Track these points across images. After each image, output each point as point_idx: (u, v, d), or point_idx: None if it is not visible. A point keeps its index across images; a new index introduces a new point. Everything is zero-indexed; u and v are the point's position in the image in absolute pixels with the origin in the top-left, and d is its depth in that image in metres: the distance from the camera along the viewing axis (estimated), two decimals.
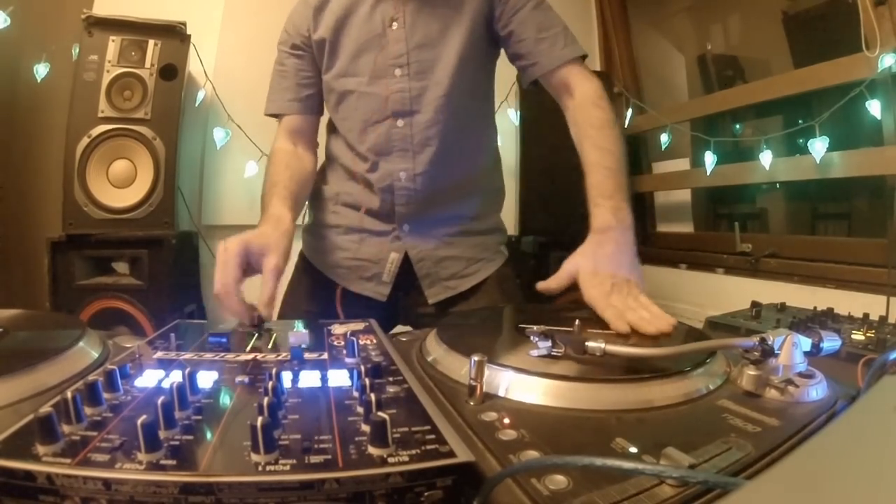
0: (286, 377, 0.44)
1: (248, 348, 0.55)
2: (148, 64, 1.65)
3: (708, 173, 1.85)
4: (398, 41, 0.87)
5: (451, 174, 0.92)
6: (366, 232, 0.93)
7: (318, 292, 0.97)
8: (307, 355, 0.51)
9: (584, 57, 0.89)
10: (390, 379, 0.45)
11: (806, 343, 0.45)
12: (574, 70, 0.88)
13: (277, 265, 0.71)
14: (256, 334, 0.61)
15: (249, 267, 0.72)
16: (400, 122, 0.88)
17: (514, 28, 0.89)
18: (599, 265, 0.69)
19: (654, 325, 0.59)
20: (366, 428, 0.34)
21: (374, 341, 0.58)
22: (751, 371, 0.44)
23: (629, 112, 2.24)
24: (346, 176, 0.96)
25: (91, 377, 0.39)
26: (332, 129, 0.99)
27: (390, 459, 0.31)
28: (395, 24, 0.87)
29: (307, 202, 1.03)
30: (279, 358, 0.51)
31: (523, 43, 0.89)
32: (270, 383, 0.38)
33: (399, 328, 0.90)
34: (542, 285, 0.71)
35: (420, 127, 0.89)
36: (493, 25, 0.90)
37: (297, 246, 1.00)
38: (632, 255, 0.72)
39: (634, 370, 0.46)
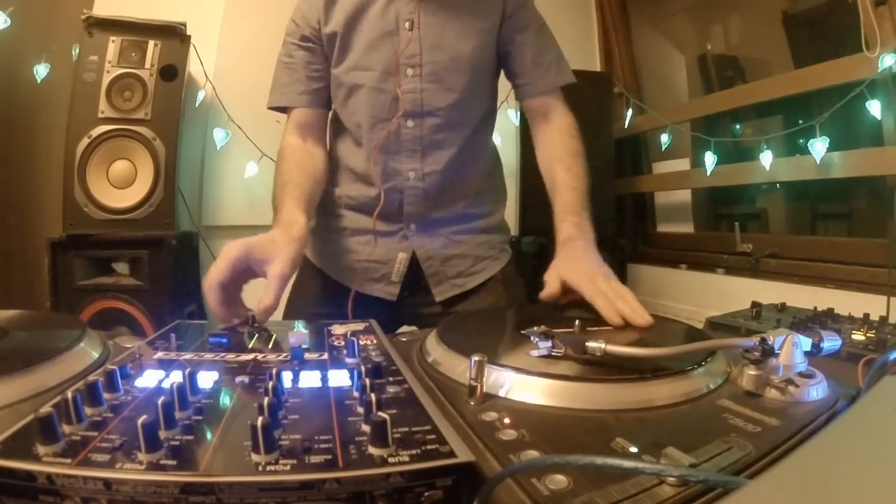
0: (286, 377, 0.44)
1: (249, 348, 0.55)
2: (148, 64, 1.65)
3: (708, 173, 1.85)
4: (411, 41, 0.86)
5: (458, 175, 0.92)
6: (373, 233, 0.93)
7: (326, 295, 0.96)
8: (307, 355, 0.51)
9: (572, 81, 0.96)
10: (390, 379, 0.45)
11: (806, 343, 0.45)
12: (556, 101, 0.96)
13: (282, 272, 0.67)
14: (256, 335, 0.61)
15: (252, 271, 0.70)
16: (410, 123, 0.88)
17: (514, 49, 0.93)
18: (576, 263, 0.76)
19: (643, 318, 0.63)
20: (366, 428, 0.34)
21: (375, 341, 0.58)
22: (751, 371, 0.44)
23: (629, 112, 2.24)
24: (353, 177, 0.95)
25: (91, 377, 0.39)
26: (337, 130, 0.98)
27: (390, 459, 0.31)
28: (408, 23, 0.86)
29: None
30: (279, 358, 0.51)
31: (520, 64, 0.94)
32: (271, 383, 0.38)
33: (404, 328, 0.90)
34: (543, 296, 0.76)
35: (430, 129, 0.89)
36: (498, 38, 0.92)
37: None
38: (598, 255, 0.79)
39: (634, 370, 0.46)
